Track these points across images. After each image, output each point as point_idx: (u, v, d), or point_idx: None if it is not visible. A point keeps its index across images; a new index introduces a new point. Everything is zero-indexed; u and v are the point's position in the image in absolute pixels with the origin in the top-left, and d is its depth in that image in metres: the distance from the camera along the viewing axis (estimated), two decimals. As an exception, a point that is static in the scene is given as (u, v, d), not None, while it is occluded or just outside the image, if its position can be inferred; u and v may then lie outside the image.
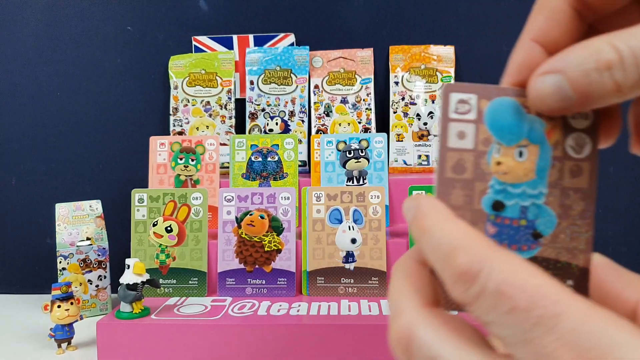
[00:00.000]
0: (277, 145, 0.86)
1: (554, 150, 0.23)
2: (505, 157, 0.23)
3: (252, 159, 0.86)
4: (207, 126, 0.91)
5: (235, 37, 0.95)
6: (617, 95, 0.20)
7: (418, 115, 0.90)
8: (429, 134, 0.90)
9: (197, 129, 0.91)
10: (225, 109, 0.92)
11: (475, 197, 0.23)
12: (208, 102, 0.92)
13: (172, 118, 0.92)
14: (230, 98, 0.92)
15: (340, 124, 0.92)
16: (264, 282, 0.74)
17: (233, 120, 0.92)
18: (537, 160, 0.23)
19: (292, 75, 0.93)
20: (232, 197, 0.76)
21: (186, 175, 0.87)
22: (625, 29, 0.19)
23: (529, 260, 0.19)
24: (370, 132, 0.91)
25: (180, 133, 0.91)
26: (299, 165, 0.90)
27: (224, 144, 0.91)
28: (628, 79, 0.19)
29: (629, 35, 0.19)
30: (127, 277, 0.66)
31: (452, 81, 0.90)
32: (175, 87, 0.92)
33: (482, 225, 0.22)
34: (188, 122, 0.92)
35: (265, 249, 0.74)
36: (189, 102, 0.92)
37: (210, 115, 0.91)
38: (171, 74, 0.93)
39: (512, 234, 0.23)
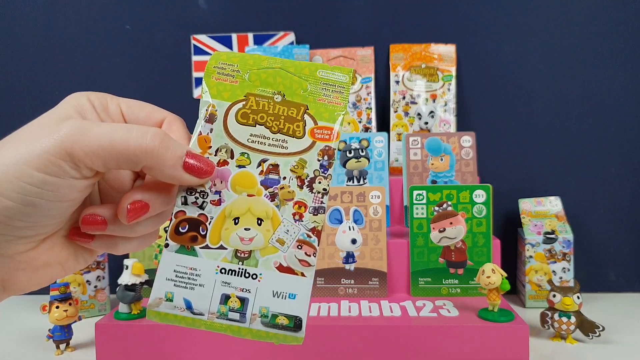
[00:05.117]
0: (277, 144, 0.86)
1: (456, 156, 0.80)
2: (435, 161, 0.81)
3: (252, 158, 0.86)
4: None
5: (234, 36, 0.95)
6: None
7: (419, 114, 0.90)
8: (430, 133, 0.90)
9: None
10: None
11: (424, 180, 0.81)
12: None
13: None
14: None
15: (340, 124, 0.92)
16: (263, 282, 0.73)
17: None
18: (449, 161, 0.80)
19: (292, 74, 0.93)
20: (232, 197, 0.75)
21: (185, 175, 0.87)
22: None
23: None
24: (370, 131, 0.91)
25: None
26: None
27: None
28: None
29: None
30: (126, 278, 0.66)
31: (453, 80, 0.90)
32: None
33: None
34: None
35: (265, 249, 0.74)
36: None
37: None
38: None
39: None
